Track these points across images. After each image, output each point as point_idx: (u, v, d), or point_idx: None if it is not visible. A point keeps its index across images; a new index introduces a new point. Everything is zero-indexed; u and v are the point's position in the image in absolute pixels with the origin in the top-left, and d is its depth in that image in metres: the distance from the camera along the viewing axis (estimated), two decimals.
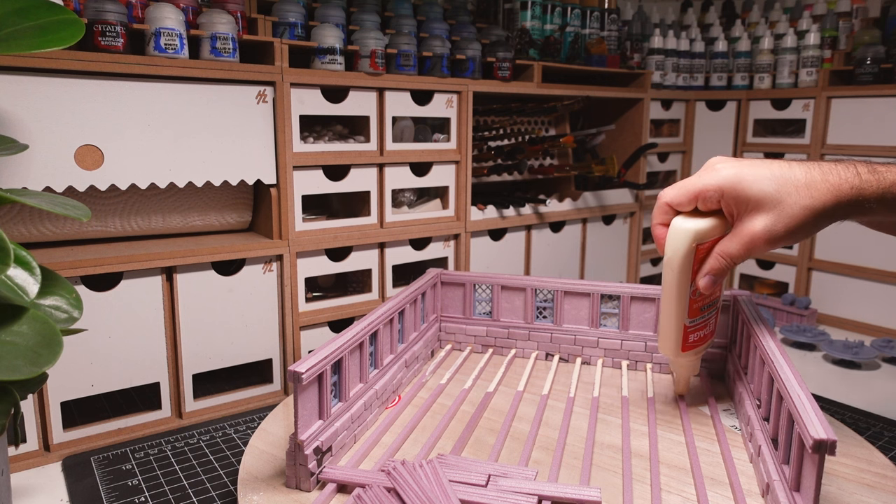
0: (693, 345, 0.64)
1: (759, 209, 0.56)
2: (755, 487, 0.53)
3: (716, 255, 0.59)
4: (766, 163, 0.57)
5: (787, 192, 0.55)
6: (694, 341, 0.64)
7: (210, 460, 0.68)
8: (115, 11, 0.69)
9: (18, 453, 0.68)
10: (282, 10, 0.85)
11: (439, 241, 0.99)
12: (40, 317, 0.46)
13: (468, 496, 0.49)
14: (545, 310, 0.83)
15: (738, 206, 0.57)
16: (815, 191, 0.54)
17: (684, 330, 0.63)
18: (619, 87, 1.24)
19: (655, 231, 0.64)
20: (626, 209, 1.25)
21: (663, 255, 0.61)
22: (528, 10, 1.16)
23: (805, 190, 0.55)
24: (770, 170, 0.56)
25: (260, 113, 0.79)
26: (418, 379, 0.76)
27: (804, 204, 0.54)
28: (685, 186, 0.60)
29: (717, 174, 0.58)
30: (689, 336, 0.63)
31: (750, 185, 0.56)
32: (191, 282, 0.76)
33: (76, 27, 0.52)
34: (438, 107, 0.95)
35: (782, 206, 0.55)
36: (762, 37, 1.34)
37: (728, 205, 0.58)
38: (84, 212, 0.50)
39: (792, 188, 0.55)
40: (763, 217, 0.56)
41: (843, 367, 0.98)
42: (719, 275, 0.60)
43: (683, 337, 0.63)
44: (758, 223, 0.56)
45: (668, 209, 0.62)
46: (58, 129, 0.66)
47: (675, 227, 0.60)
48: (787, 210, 0.55)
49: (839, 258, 1.20)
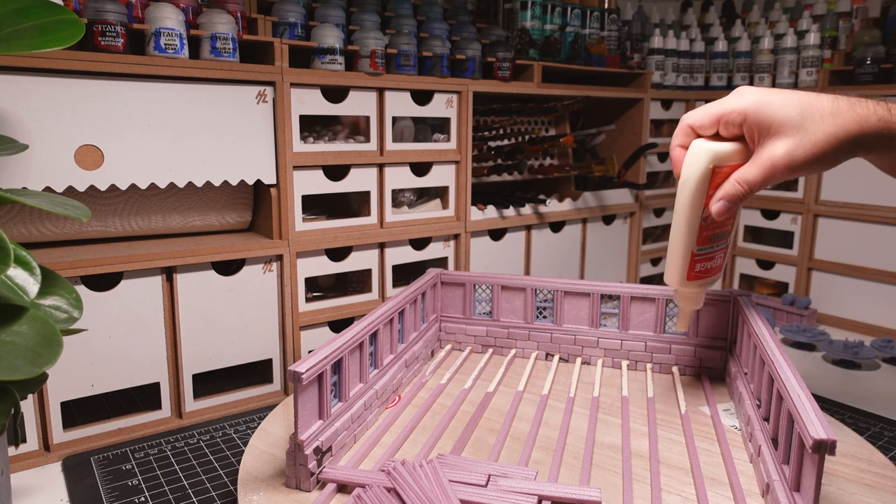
0: (699, 275, 0.63)
1: (781, 133, 0.54)
2: (755, 487, 0.53)
3: (733, 181, 0.57)
4: (792, 91, 0.56)
5: (811, 117, 0.53)
6: (700, 271, 0.63)
7: (210, 460, 0.68)
8: (115, 11, 0.69)
9: (18, 453, 0.68)
10: (282, 10, 0.85)
11: (439, 241, 0.99)
12: (40, 317, 0.46)
13: (468, 496, 0.49)
14: (545, 310, 0.83)
15: (761, 130, 0.55)
16: (840, 119, 0.53)
17: (691, 257, 0.61)
18: (619, 87, 1.24)
19: (673, 153, 0.62)
20: (626, 209, 1.25)
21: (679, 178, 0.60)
22: (528, 10, 1.16)
23: (830, 118, 0.53)
24: (797, 96, 0.55)
25: (260, 113, 0.79)
26: (418, 379, 0.76)
27: (828, 131, 0.53)
28: (708, 109, 0.58)
29: (742, 98, 0.56)
30: (695, 265, 0.62)
31: (774, 110, 0.54)
32: (191, 282, 0.76)
33: (76, 27, 0.52)
34: (438, 107, 0.95)
35: (805, 132, 0.53)
36: (762, 37, 1.34)
37: (750, 129, 0.56)
38: (84, 212, 0.50)
39: (817, 114, 0.53)
40: (785, 141, 0.54)
41: (843, 367, 0.98)
42: (734, 201, 0.58)
43: (690, 265, 0.62)
44: (779, 147, 0.54)
45: (689, 131, 0.60)
46: (58, 129, 0.66)
47: (695, 147, 0.58)
48: (810, 136, 0.53)
49: (839, 258, 1.20)
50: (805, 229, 1.23)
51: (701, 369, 0.77)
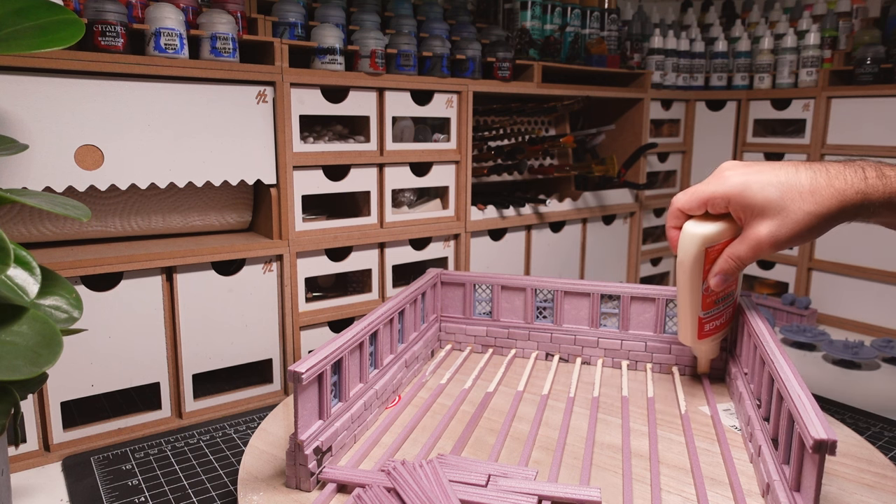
0: (709, 333, 0.69)
1: (764, 215, 0.58)
2: (755, 487, 0.53)
3: (725, 257, 0.63)
4: (773, 168, 0.59)
5: (791, 198, 0.57)
6: (710, 330, 0.69)
7: (210, 460, 0.68)
8: (115, 11, 0.69)
9: (18, 453, 0.68)
10: (282, 10, 0.85)
11: (439, 241, 0.99)
12: (40, 317, 0.46)
13: (468, 496, 0.49)
14: (545, 310, 0.83)
15: (745, 213, 0.60)
16: (819, 196, 0.56)
17: (699, 321, 0.67)
18: (619, 87, 1.24)
19: (669, 234, 0.67)
20: (626, 209, 1.25)
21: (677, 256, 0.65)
22: (528, 10, 1.16)
23: (809, 196, 0.56)
24: (776, 176, 0.58)
25: (260, 113, 0.79)
26: (418, 379, 0.75)
27: (808, 210, 0.56)
28: (695, 193, 0.63)
29: (725, 182, 0.60)
30: (704, 326, 0.68)
31: (755, 193, 0.58)
32: (191, 282, 0.76)
33: (76, 27, 0.52)
34: (438, 107, 0.95)
35: (786, 213, 0.57)
36: (762, 37, 1.34)
37: (735, 211, 0.61)
38: (84, 212, 0.50)
39: (796, 194, 0.57)
40: (768, 223, 0.58)
41: (843, 367, 0.98)
42: (729, 275, 0.63)
43: (699, 327, 0.67)
44: (763, 228, 0.58)
45: (679, 213, 0.65)
46: (58, 129, 0.66)
47: (686, 232, 0.63)
48: (792, 216, 0.57)
49: (839, 258, 1.20)
50: None
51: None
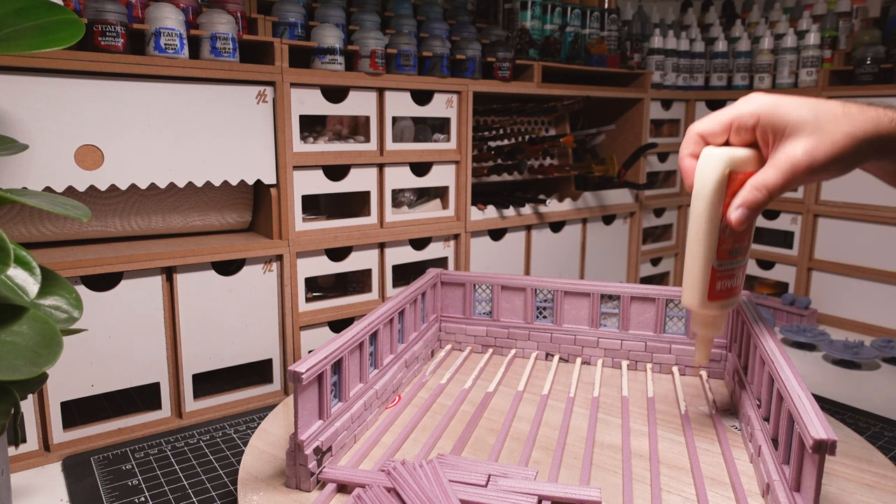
0: (720, 294, 0.58)
1: (797, 134, 0.52)
2: (755, 487, 0.53)
3: (750, 188, 0.54)
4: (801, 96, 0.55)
5: (826, 118, 0.52)
6: (721, 290, 0.58)
7: (210, 460, 0.68)
8: (115, 11, 0.69)
9: (18, 453, 0.68)
10: (282, 10, 0.85)
11: (439, 241, 0.99)
12: (40, 317, 0.46)
13: (468, 496, 0.49)
14: (545, 310, 0.83)
15: (776, 132, 0.54)
16: (854, 119, 0.52)
17: (712, 274, 0.57)
18: (619, 87, 1.24)
19: (683, 163, 0.59)
20: (626, 209, 1.25)
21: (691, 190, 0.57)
22: (528, 10, 1.16)
23: (844, 118, 0.52)
24: (807, 100, 0.54)
25: (260, 113, 0.79)
26: (418, 379, 0.75)
27: (845, 130, 0.52)
28: (718, 116, 0.57)
29: (753, 101, 0.55)
30: (716, 282, 0.58)
31: (788, 111, 0.53)
32: (191, 282, 0.76)
33: (76, 27, 0.52)
34: (438, 107, 0.95)
35: (823, 132, 0.52)
36: (762, 37, 1.34)
37: (764, 131, 0.54)
38: (84, 212, 0.50)
39: (831, 116, 0.52)
40: (803, 141, 0.52)
41: (843, 367, 0.98)
42: (754, 208, 0.55)
43: (711, 283, 0.57)
44: (798, 147, 0.52)
45: (698, 140, 0.58)
46: (58, 129, 0.66)
47: (708, 153, 0.56)
48: (829, 135, 0.52)
49: (839, 258, 1.20)
50: (805, 229, 1.23)
51: (700, 369, 0.77)
